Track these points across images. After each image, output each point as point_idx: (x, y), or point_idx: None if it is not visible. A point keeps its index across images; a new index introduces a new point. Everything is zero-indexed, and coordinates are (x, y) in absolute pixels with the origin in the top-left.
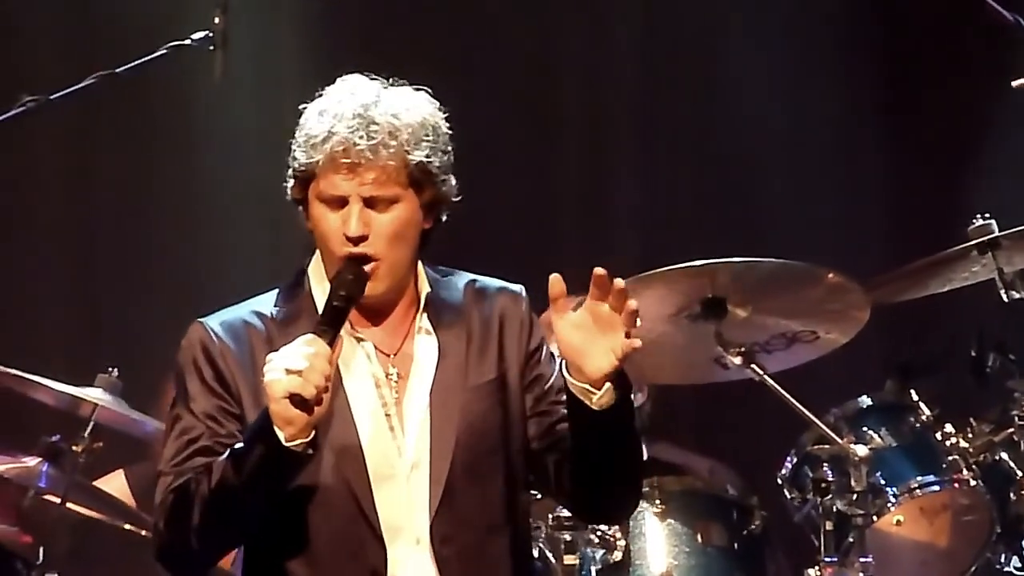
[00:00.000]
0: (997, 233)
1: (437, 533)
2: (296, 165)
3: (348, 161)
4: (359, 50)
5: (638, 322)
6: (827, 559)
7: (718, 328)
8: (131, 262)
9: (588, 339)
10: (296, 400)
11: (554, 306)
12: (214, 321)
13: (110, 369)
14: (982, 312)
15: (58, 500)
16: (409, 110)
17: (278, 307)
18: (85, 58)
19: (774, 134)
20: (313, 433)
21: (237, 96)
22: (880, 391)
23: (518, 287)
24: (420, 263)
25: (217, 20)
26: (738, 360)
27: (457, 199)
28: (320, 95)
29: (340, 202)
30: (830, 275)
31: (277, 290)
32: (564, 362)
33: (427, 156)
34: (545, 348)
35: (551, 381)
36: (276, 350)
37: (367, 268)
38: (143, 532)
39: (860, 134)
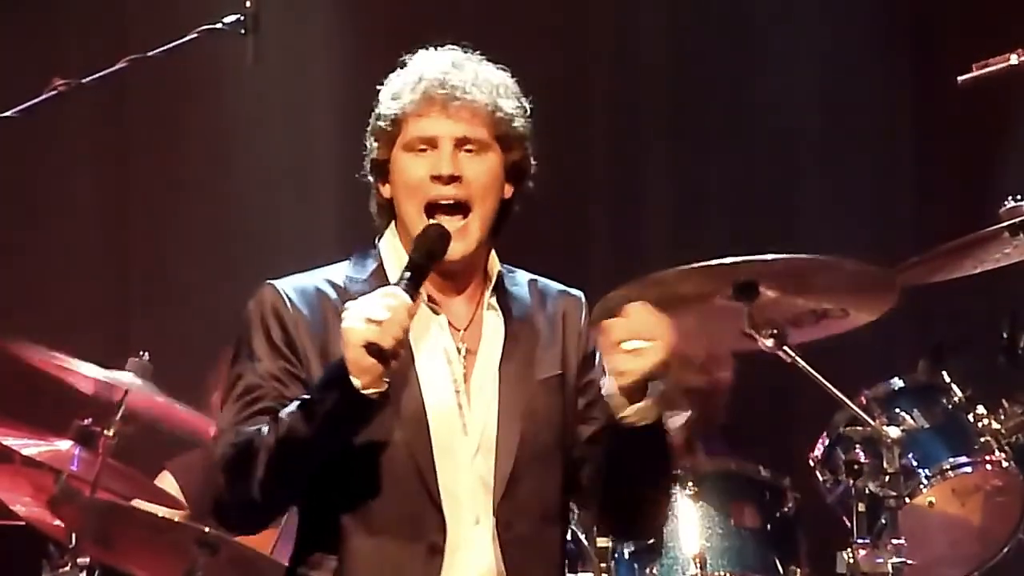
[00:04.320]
0: None
1: (501, 518)
2: (381, 123)
3: (443, 94)
4: (389, 33)
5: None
6: (860, 541)
7: (749, 310)
8: (162, 246)
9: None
10: (373, 350)
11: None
12: (287, 284)
13: (141, 353)
14: (1014, 293)
15: (90, 484)
16: (493, 72)
17: (350, 278)
18: (116, 41)
19: (804, 114)
20: (386, 385)
21: (268, 79)
22: (912, 373)
23: (578, 292)
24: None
25: (248, 4)
26: (770, 343)
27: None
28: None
29: (430, 143)
30: (860, 268)
31: (349, 261)
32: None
33: (513, 110)
34: (598, 355)
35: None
36: None
37: (457, 223)
38: (175, 517)
39: (891, 115)
